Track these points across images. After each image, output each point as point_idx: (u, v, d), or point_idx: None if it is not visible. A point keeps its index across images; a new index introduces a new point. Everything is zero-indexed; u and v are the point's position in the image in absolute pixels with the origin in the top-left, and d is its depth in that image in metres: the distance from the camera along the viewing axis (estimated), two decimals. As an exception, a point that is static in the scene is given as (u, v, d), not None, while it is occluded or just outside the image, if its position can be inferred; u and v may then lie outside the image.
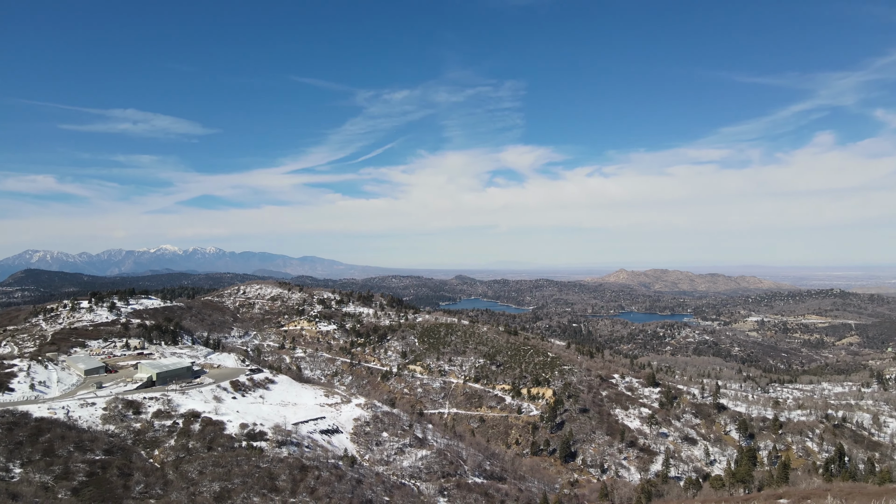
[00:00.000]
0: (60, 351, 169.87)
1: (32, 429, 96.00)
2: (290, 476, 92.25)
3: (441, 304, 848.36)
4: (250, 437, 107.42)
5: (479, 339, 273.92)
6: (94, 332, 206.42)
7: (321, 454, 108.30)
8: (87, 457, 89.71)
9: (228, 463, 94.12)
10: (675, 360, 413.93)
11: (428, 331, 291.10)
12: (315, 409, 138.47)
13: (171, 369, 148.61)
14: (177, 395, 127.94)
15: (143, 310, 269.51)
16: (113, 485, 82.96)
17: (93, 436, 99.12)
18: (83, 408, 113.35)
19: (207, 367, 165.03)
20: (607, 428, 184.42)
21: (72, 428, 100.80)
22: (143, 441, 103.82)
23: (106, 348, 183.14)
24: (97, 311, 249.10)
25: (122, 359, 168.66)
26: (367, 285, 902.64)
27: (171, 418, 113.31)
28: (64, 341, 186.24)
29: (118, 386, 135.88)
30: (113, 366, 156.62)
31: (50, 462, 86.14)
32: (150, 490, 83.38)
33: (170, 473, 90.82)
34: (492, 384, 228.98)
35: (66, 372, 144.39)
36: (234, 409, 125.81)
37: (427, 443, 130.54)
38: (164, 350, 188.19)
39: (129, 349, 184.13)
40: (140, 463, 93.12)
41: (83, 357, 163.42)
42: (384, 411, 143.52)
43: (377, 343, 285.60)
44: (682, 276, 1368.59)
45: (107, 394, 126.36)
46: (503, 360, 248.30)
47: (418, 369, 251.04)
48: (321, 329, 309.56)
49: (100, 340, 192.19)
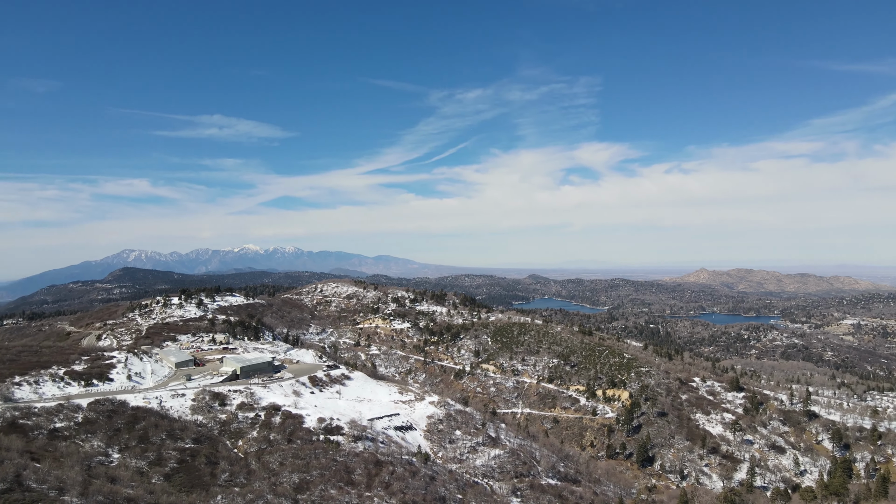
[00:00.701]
0: (154, 344, 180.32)
1: (129, 417, 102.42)
2: (365, 470, 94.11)
3: (514, 304, 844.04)
4: (327, 432, 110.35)
5: (552, 338, 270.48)
6: (183, 326, 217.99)
7: (395, 450, 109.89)
8: (177, 445, 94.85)
9: (307, 455, 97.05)
10: (760, 365, 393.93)
11: (501, 330, 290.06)
12: (389, 406, 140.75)
13: (254, 364, 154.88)
14: (259, 389, 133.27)
15: (227, 306, 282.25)
16: (201, 472, 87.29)
17: (183, 425, 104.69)
18: (174, 398, 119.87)
19: (287, 363, 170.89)
20: (687, 433, 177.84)
21: (164, 417, 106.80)
22: (228, 432, 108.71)
23: (194, 342, 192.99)
24: (186, 308, 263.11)
25: (208, 353, 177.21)
26: (440, 284, 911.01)
27: (254, 411, 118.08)
28: (157, 335, 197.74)
29: (205, 378, 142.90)
30: (201, 359, 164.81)
31: (145, 449, 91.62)
32: (235, 479, 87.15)
33: (252, 463, 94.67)
34: (566, 385, 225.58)
35: (158, 364, 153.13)
36: (312, 404, 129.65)
37: (500, 442, 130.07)
38: (247, 345, 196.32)
39: (215, 344, 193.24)
40: (225, 452, 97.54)
41: (174, 350, 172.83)
42: (457, 409, 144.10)
43: (450, 341, 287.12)
44: (769, 276, 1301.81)
45: (195, 386, 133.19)
46: (577, 360, 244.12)
47: (491, 368, 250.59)
48: (395, 327, 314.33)
49: (189, 335, 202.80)
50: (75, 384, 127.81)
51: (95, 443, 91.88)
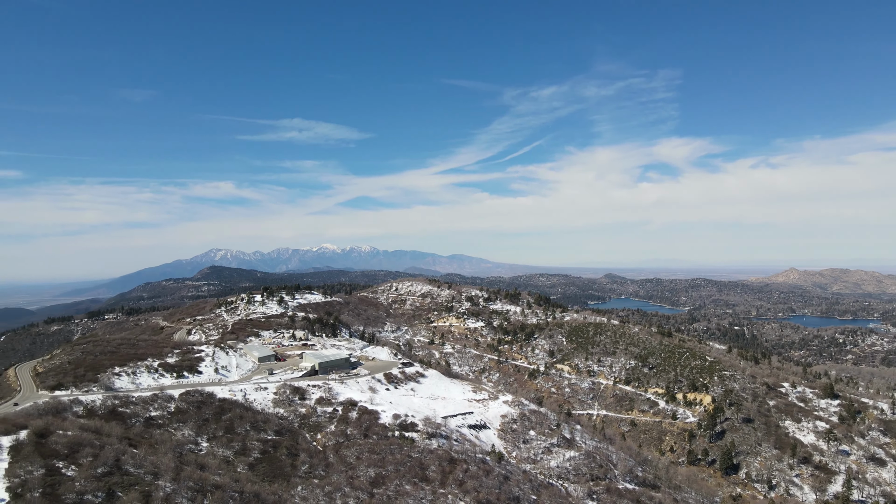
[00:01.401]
0: (238, 339, 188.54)
1: (216, 408, 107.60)
2: (439, 467, 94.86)
3: (589, 304, 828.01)
4: (402, 428, 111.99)
5: (629, 339, 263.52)
6: (265, 323, 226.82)
7: (469, 448, 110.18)
8: (260, 436, 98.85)
9: (382, 451, 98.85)
10: (858, 371, 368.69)
11: (576, 330, 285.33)
12: (463, 404, 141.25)
13: (332, 360, 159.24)
14: (336, 384, 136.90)
15: (306, 304, 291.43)
16: (282, 463, 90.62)
17: (265, 417, 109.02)
18: (257, 391, 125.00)
19: (363, 359, 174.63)
20: (775, 441, 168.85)
21: (248, 409, 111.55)
22: (308, 425, 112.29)
23: (276, 338, 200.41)
24: (268, 305, 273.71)
25: (289, 348, 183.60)
26: (514, 283, 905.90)
27: (332, 405, 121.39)
28: (241, 331, 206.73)
29: (286, 373, 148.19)
30: (281, 354, 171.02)
31: (230, 439, 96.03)
32: (314, 471, 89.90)
33: (330, 456, 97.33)
34: (643, 387, 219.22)
35: (243, 358, 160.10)
36: (388, 400, 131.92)
37: (575, 444, 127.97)
38: (325, 342, 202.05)
39: (294, 340, 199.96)
40: (305, 445, 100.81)
41: (257, 345, 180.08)
42: (531, 409, 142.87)
43: (524, 341, 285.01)
44: (867, 276, 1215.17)
45: (277, 380, 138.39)
46: (656, 362, 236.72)
47: (566, 369, 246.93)
48: (469, 326, 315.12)
49: (270, 331, 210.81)
50: (168, 376, 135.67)
51: (186, 431, 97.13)
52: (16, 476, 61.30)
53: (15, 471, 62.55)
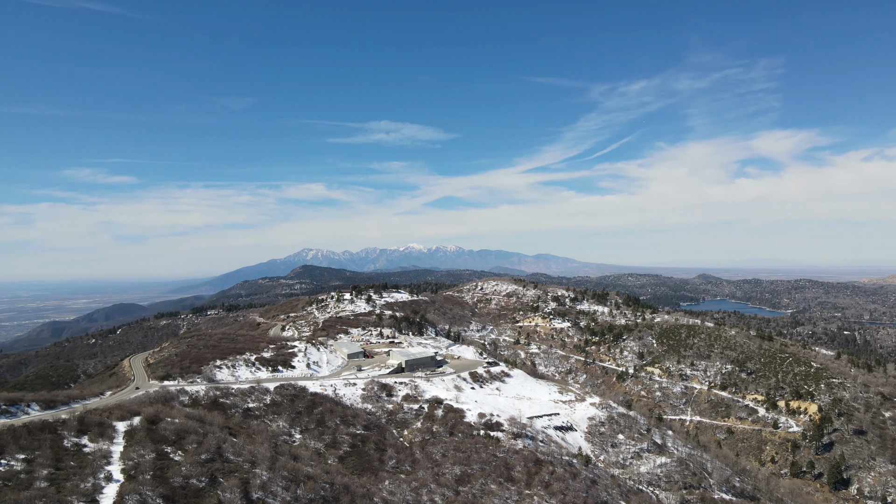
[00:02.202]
0: (329, 336, 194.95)
1: (308, 402, 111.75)
2: (524, 468, 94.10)
3: (682, 305, 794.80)
4: (487, 427, 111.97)
5: (725, 342, 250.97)
6: (354, 320, 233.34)
7: (555, 450, 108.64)
8: (349, 430, 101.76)
9: (468, 449, 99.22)
10: None
11: (667, 332, 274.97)
12: (549, 405, 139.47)
13: (418, 358, 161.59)
14: (422, 382, 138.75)
15: (393, 302, 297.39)
16: (370, 457, 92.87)
17: (354, 412, 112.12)
18: (347, 387, 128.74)
19: (448, 358, 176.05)
20: (892, 455, 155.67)
21: (338, 404, 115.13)
22: (395, 421, 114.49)
23: (364, 335, 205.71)
24: (357, 303, 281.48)
25: (376, 346, 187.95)
26: (601, 283, 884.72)
27: (418, 402, 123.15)
28: (331, 328, 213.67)
29: (374, 370, 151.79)
30: (369, 351, 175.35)
31: (322, 432, 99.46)
32: (401, 466, 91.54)
33: (417, 453, 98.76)
34: (741, 393, 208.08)
35: (333, 354, 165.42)
36: (473, 399, 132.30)
37: (666, 450, 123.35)
38: (412, 340, 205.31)
39: (382, 337, 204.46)
40: (392, 440, 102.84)
41: (346, 342, 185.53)
42: (620, 412, 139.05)
43: (612, 342, 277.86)
44: None
45: (365, 376, 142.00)
46: (755, 367, 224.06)
47: (656, 371, 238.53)
48: (555, 326, 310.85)
49: (359, 328, 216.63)
50: (264, 369, 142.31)
51: (281, 423, 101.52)
52: (130, 459, 66.18)
53: (129, 454, 67.54)
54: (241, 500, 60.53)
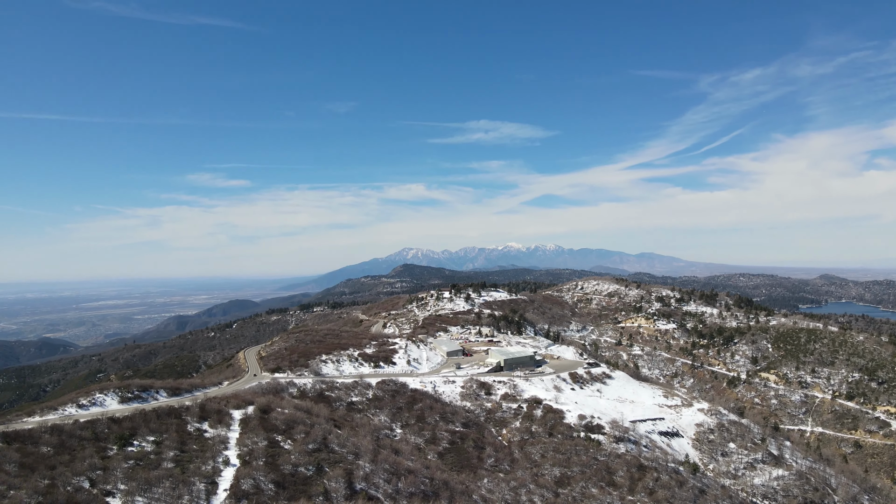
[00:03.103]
0: (428, 334, 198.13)
1: (409, 398, 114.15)
2: (627, 473, 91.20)
3: (801, 307, 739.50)
4: (588, 429, 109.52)
5: (852, 349, 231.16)
6: (453, 319, 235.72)
7: (660, 456, 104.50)
8: (449, 427, 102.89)
9: (568, 451, 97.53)
10: None
11: (784, 336, 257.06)
12: (653, 409, 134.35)
13: (516, 357, 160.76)
14: (521, 381, 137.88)
15: (491, 301, 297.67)
16: (469, 455, 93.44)
17: (453, 409, 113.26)
18: (446, 384, 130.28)
19: (547, 358, 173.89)
20: None
21: (437, 400, 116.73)
22: (493, 419, 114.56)
23: (463, 334, 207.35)
24: (455, 301, 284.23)
25: (475, 344, 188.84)
26: (709, 283, 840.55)
27: (517, 402, 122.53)
28: (431, 325, 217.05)
29: (472, 368, 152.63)
30: (468, 350, 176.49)
31: (421, 427, 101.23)
32: (499, 465, 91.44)
33: (515, 452, 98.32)
34: (871, 404, 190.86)
35: (432, 352, 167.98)
36: (573, 400, 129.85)
37: (784, 461, 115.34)
38: (510, 339, 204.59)
39: (480, 336, 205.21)
40: (490, 439, 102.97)
41: (445, 340, 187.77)
42: (731, 420, 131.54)
43: (722, 346, 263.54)
44: None
45: (464, 374, 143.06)
46: (887, 376, 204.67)
47: (772, 378, 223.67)
48: (659, 327, 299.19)
49: (458, 327, 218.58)
50: (366, 365, 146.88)
51: (382, 417, 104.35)
52: (245, 445, 70.41)
53: (244, 441, 71.86)
54: (345, 490, 62.76)
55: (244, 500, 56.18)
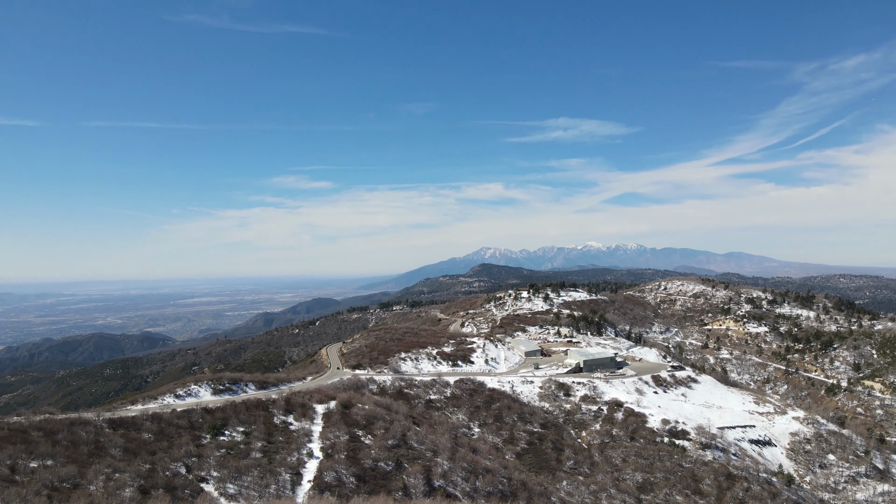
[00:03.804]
0: (506, 333, 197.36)
1: (486, 397, 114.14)
2: (715, 482, 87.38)
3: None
4: (672, 435, 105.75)
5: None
6: (531, 318, 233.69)
7: (750, 465, 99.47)
8: (527, 427, 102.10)
9: (650, 456, 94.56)
10: None
11: (891, 341, 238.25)
12: (742, 416, 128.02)
13: (596, 358, 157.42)
14: (601, 383, 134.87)
15: (571, 301, 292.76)
16: (548, 456, 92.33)
17: (531, 410, 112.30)
18: (524, 384, 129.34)
19: (629, 360, 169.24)
20: None
21: (515, 400, 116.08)
22: (572, 421, 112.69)
23: (541, 334, 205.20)
24: (534, 301, 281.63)
25: (553, 344, 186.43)
26: (805, 285, 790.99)
27: (596, 404, 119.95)
28: (508, 325, 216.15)
29: (551, 368, 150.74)
30: (546, 350, 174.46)
31: (499, 427, 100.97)
32: (579, 468, 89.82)
33: (595, 455, 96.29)
34: None
35: (510, 351, 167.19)
36: (656, 404, 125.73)
37: (890, 476, 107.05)
38: (590, 339, 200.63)
39: (559, 336, 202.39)
40: (570, 441, 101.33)
41: (523, 340, 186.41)
42: (829, 430, 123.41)
43: (820, 351, 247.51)
44: None
45: (542, 374, 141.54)
46: None
47: (877, 386, 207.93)
48: (749, 330, 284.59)
49: (536, 326, 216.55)
50: (445, 363, 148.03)
51: (460, 416, 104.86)
52: (327, 439, 72.57)
53: (327, 434, 74.08)
54: (424, 486, 63.50)
55: (327, 492, 57.86)
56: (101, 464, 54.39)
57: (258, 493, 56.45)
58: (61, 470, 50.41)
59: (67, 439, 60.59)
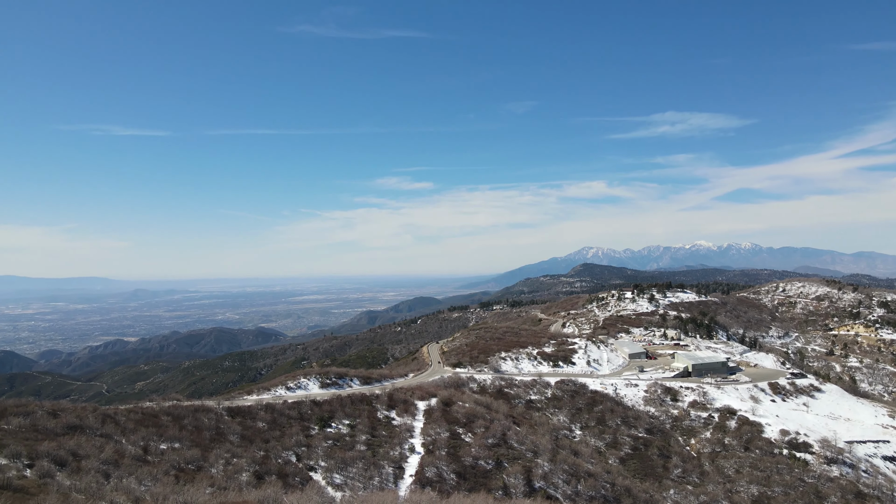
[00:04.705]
0: (609, 335, 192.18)
1: (588, 399, 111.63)
2: (842, 500, 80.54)
3: None
4: (792, 447, 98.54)
5: None
6: (635, 320, 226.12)
7: (884, 483, 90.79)
8: (631, 432, 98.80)
9: (767, 468, 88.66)
10: None
11: None
12: (875, 430, 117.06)
13: (706, 362, 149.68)
14: (711, 389, 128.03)
15: (678, 303, 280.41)
16: (654, 463, 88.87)
17: (636, 414, 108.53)
18: (627, 387, 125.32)
19: (742, 365, 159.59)
20: None
21: (619, 404, 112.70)
22: (680, 428, 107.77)
23: (646, 336, 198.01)
24: (638, 302, 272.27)
25: (659, 347, 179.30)
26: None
27: (707, 411, 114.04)
28: (611, 326, 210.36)
29: (656, 372, 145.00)
30: (652, 353, 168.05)
31: (602, 430, 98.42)
32: (687, 476, 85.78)
33: (706, 465, 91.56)
34: None
35: (613, 353, 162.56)
36: (773, 413, 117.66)
37: None
38: (699, 343, 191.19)
39: (665, 339, 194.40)
40: (677, 448, 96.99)
41: (627, 342, 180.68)
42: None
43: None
44: None
45: (647, 378, 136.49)
46: None
47: None
48: (882, 337, 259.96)
49: (640, 328, 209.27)
50: (545, 364, 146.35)
51: (561, 417, 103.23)
52: (428, 435, 73.79)
53: (428, 430, 75.34)
54: (524, 486, 63.07)
55: (428, 487, 58.83)
56: (221, 448, 58.34)
57: (363, 485, 58.35)
58: (187, 452, 54.56)
59: (192, 424, 65.49)
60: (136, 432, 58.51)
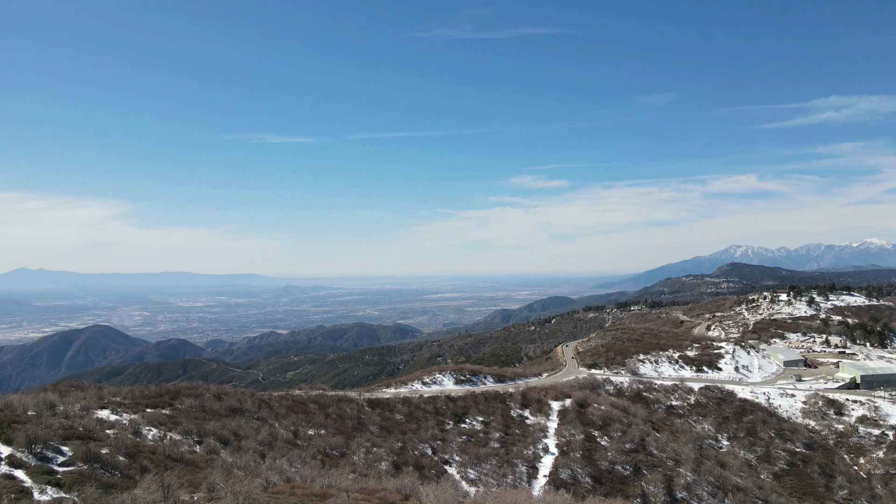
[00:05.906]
0: (760, 339, 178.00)
1: (737, 408, 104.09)
2: None
3: None
4: None
5: None
6: (791, 324, 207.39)
7: None
8: (786, 446, 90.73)
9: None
10: None
11: None
12: None
13: (879, 373, 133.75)
14: (885, 404, 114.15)
15: (843, 307, 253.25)
16: (814, 482, 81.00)
17: (792, 427, 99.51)
18: (782, 397, 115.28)
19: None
20: None
21: (772, 414, 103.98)
22: (846, 445, 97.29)
23: (804, 342, 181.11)
24: (795, 305, 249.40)
25: (820, 355, 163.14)
26: None
27: (879, 427, 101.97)
28: (763, 331, 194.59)
29: (817, 382, 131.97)
30: (811, 361, 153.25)
31: (752, 442, 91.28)
32: (855, 499, 77.28)
33: (877, 487, 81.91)
34: None
35: (765, 360, 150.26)
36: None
37: None
38: (869, 351, 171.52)
39: (828, 346, 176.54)
40: (842, 467, 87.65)
41: (782, 348, 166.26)
42: None
43: None
44: None
45: (806, 388, 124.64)
46: None
47: None
48: None
49: (798, 334, 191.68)
50: (687, 368, 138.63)
51: (706, 426, 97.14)
52: (562, 436, 72.70)
53: (562, 431, 74.24)
54: (664, 496, 60.21)
55: (562, 489, 57.93)
56: (362, 437, 61.47)
57: (496, 482, 58.74)
58: (331, 439, 58.14)
59: (336, 413, 69.61)
60: (287, 417, 63.31)
